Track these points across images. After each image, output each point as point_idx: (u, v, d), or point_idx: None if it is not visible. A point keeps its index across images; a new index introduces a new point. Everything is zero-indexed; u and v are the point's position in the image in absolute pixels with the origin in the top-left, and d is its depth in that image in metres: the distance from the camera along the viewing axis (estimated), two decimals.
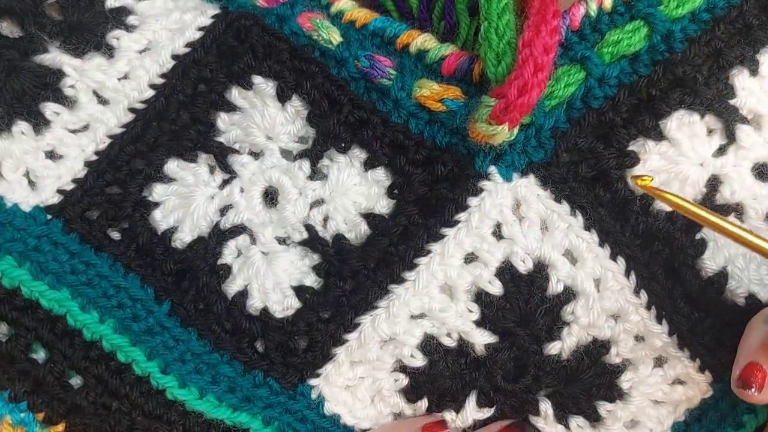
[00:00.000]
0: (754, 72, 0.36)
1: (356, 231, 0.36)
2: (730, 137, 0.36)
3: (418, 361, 0.35)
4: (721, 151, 0.36)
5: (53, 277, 0.34)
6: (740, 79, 0.36)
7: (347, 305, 0.35)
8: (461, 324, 0.35)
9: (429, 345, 0.36)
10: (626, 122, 0.35)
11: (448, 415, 0.36)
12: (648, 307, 0.35)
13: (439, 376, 0.36)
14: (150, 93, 0.36)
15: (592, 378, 0.36)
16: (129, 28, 0.36)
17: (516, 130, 0.33)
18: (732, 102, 0.36)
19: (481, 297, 0.35)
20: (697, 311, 0.35)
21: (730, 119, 0.36)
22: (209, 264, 0.35)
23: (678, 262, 0.36)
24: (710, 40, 0.35)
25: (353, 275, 0.35)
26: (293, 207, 0.36)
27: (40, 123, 0.35)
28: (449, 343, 0.36)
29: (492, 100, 0.32)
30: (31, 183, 0.35)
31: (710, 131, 0.36)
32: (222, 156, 0.36)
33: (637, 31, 0.35)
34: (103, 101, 0.36)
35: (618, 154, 0.35)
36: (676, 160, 0.35)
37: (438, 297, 0.35)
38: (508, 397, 0.36)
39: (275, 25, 0.36)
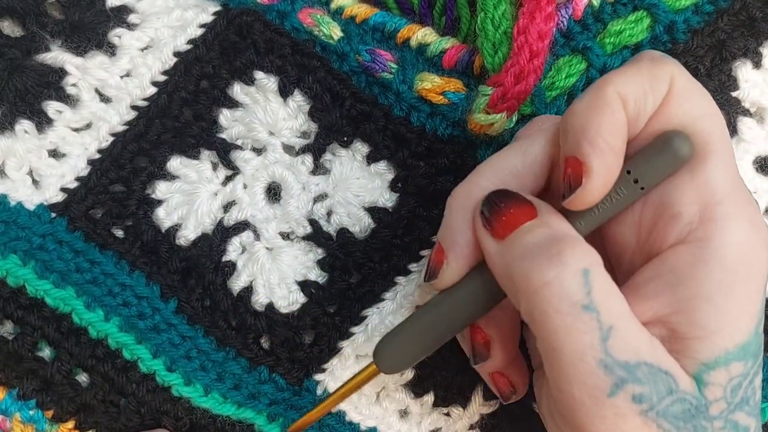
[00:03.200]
0: (757, 64, 0.36)
1: (360, 224, 0.36)
2: (732, 130, 0.36)
3: None
4: None
5: (58, 275, 0.34)
6: (743, 71, 0.36)
7: (353, 298, 0.35)
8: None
9: None
10: None
11: (455, 411, 0.36)
12: None
13: (444, 366, 0.35)
14: (152, 90, 0.36)
15: None
16: (130, 27, 0.36)
17: (515, 118, 0.33)
18: (734, 94, 0.36)
19: None
20: None
21: (732, 111, 0.36)
22: (214, 261, 0.35)
23: None
24: (713, 32, 0.35)
25: (358, 268, 0.35)
26: (296, 202, 0.36)
27: (42, 122, 0.35)
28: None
29: (489, 89, 0.32)
30: (35, 182, 0.35)
31: None
32: (225, 152, 0.36)
33: (640, 21, 0.35)
34: (105, 99, 0.36)
35: None
36: None
37: None
38: None
39: (276, 21, 0.36)
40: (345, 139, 0.36)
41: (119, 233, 0.35)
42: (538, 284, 0.25)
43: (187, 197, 0.36)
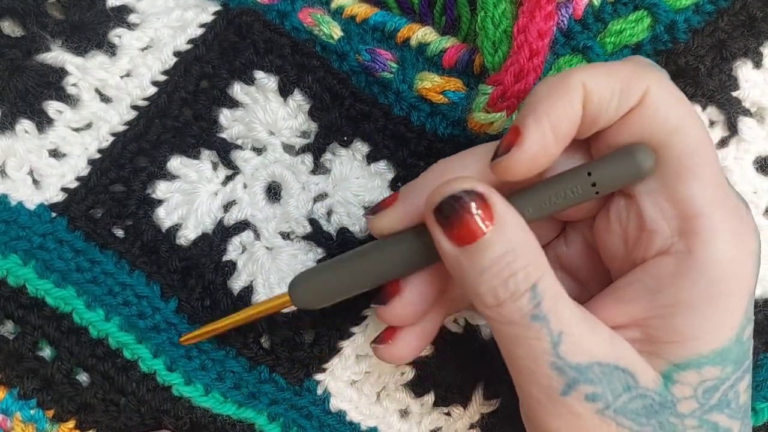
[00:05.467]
0: (757, 64, 0.36)
1: (360, 224, 0.36)
2: (732, 130, 0.36)
3: (426, 350, 0.35)
4: (723, 143, 0.36)
5: (59, 275, 0.34)
6: (744, 70, 0.36)
7: (353, 298, 0.35)
8: (466, 309, 0.35)
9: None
10: None
11: (456, 410, 0.36)
12: None
13: (445, 365, 0.35)
14: (152, 90, 0.36)
15: None
16: (131, 27, 0.36)
17: (514, 117, 0.33)
18: (735, 94, 0.36)
19: None
20: None
21: (732, 111, 0.36)
22: (214, 261, 0.35)
23: None
24: (714, 32, 0.35)
25: None
26: (296, 201, 0.36)
27: (43, 121, 0.35)
28: (456, 329, 0.36)
29: (489, 87, 0.32)
30: (35, 182, 0.35)
31: (712, 123, 0.36)
32: (225, 152, 0.36)
33: (641, 21, 0.35)
34: (105, 99, 0.36)
35: None
36: None
37: None
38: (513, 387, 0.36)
39: (276, 20, 0.36)
40: (345, 138, 0.36)
41: (119, 233, 0.35)
42: (492, 303, 0.25)
43: (187, 197, 0.36)
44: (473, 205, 0.25)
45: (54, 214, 0.35)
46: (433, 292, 0.30)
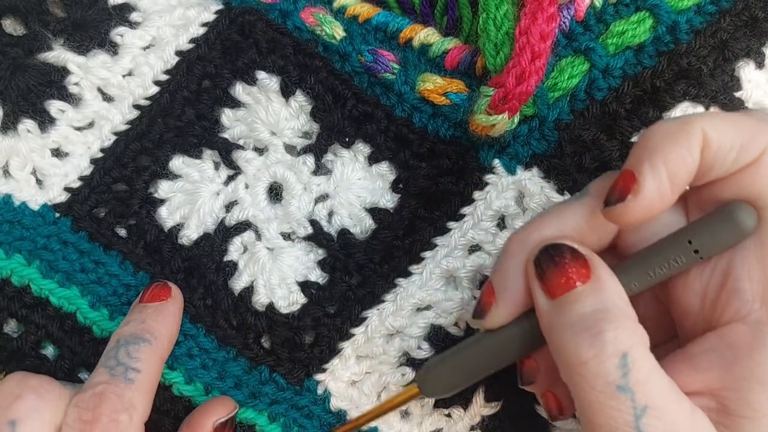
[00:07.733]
0: (760, 64, 0.36)
1: (361, 225, 0.36)
2: None
3: (426, 352, 0.36)
4: None
5: (63, 275, 0.34)
6: (746, 71, 0.36)
7: (353, 299, 0.35)
8: (467, 313, 0.35)
9: (437, 335, 0.36)
10: (630, 114, 0.35)
11: (456, 412, 0.36)
12: None
13: None
14: (154, 89, 0.36)
15: None
16: (133, 25, 0.36)
17: (516, 119, 0.33)
18: (737, 94, 0.36)
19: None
20: None
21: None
22: (216, 261, 0.35)
23: None
24: (716, 32, 0.35)
25: (359, 269, 0.35)
26: (298, 202, 0.36)
27: (45, 121, 0.35)
28: (457, 332, 0.36)
29: (490, 89, 0.32)
30: (39, 181, 0.35)
31: None
32: (227, 152, 0.36)
33: (643, 22, 0.34)
34: (107, 98, 0.36)
35: (621, 146, 0.35)
36: None
37: (443, 288, 0.35)
38: (514, 389, 0.36)
39: (279, 20, 0.36)
40: (347, 139, 0.36)
41: (122, 232, 0.35)
42: (576, 362, 0.25)
43: (190, 197, 0.36)
44: (569, 256, 0.25)
45: (58, 215, 0.35)
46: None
